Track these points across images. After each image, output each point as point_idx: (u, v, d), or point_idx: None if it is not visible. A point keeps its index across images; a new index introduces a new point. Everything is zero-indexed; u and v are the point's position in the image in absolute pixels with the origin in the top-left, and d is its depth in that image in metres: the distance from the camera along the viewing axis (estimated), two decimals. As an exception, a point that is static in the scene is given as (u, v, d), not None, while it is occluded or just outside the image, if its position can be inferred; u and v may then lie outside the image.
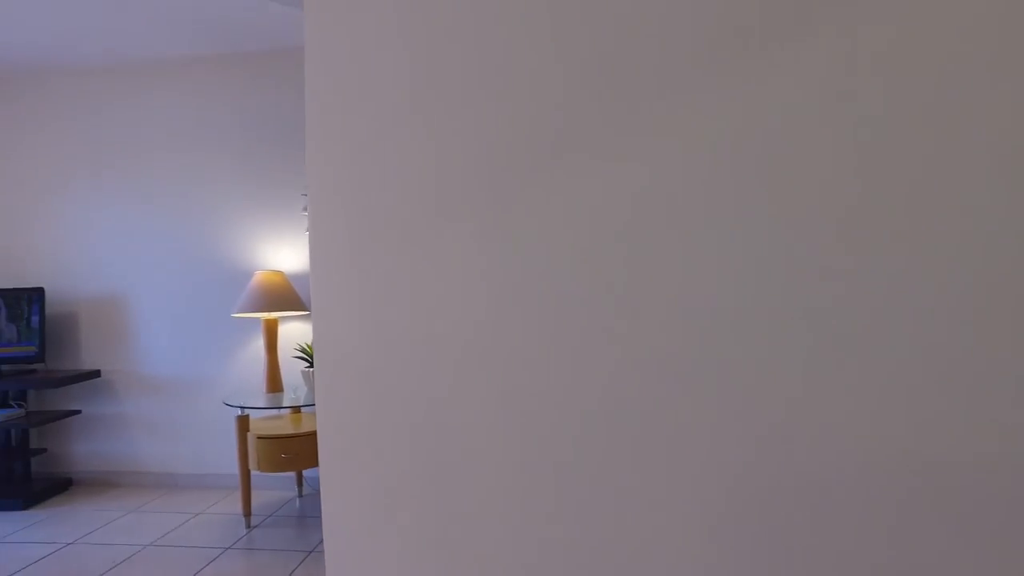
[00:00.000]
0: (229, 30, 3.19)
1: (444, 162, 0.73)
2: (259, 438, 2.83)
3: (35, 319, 3.47)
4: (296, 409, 3.23)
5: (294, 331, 3.51)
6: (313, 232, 0.81)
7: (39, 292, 3.47)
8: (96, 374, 3.58)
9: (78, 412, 3.61)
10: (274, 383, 3.24)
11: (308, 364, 3.26)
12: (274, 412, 3.25)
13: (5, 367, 3.60)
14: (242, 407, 2.89)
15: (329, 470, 0.78)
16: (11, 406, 3.52)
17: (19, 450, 3.55)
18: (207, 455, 3.55)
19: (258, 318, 3.48)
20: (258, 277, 3.19)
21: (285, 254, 3.51)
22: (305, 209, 3.37)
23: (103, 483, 3.66)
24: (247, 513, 2.92)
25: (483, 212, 0.72)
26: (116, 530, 2.97)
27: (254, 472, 3.43)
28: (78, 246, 3.66)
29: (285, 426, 2.95)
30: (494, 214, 0.72)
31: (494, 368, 0.72)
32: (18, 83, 3.69)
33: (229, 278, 3.51)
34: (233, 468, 3.53)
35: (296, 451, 2.84)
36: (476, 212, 0.72)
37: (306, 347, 3.38)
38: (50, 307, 3.68)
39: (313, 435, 2.86)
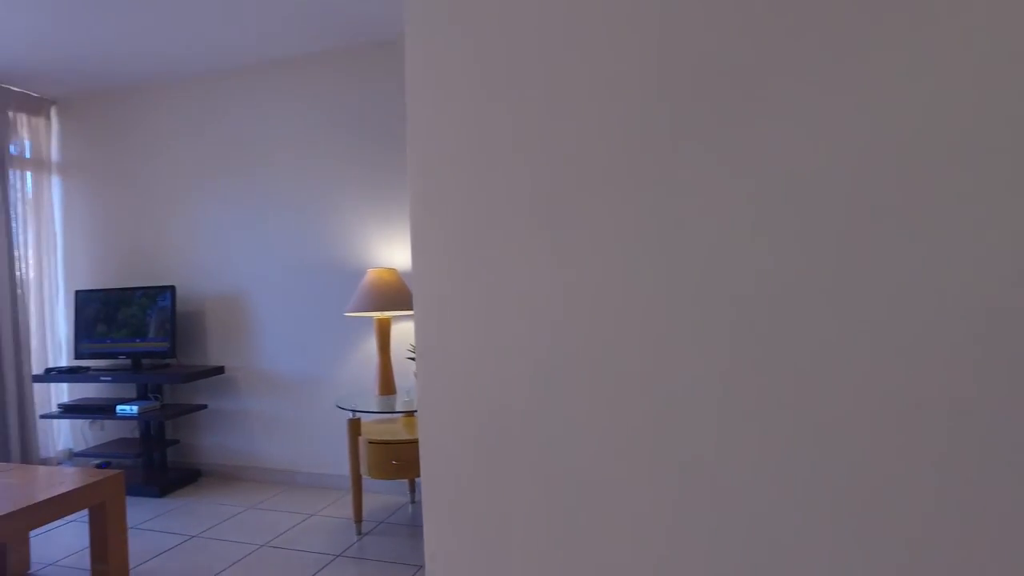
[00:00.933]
0: (341, 23, 3.14)
1: (569, 140, 0.58)
2: (370, 443, 2.74)
3: (167, 316, 3.61)
4: (409, 413, 3.12)
5: (408, 331, 3.43)
6: (415, 228, 0.67)
7: (171, 290, 3.62)
8: (220, 370, 3.68)
9: (204, 407, 3.73)
10: (386, 385, 3.16)
11: (420, 366, 3.14)
12: (386, 416, 3.17)
13: (145, 361, 3.79)
14: (353, 410, 2.82)
15: (432, 497, 0.68)
16: (149, 398, 3.70)
17: (157, 440, 3.73)
18: (323, 454, 3.55)
19: (370, 317, 3.42)
20: (370, 275, 3.12)
21: (398, 250, 3.43)
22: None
23: (228, 476, 3.77)
24: (358, 519, 2.85)
25: (622, 193, 0.56)
26: (235, 526, 3.00)
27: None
28: (206, 246, 3.79)
29: (397, 431, 2.85)
30: (635, 195, 0.55)
31: (630, 384, 0.58)
32: (153, 93, 3.88)
33: (344, 276, 3.48)
34: (348, 469, 3.50)
35: (407, 458, 2.72)
36: (613, 192, 0.56)
37: (419, 348, 3.27)
38: (180, 304, 3.84)
39: (424, 442, 2.73)
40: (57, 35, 3.13)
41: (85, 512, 3.27)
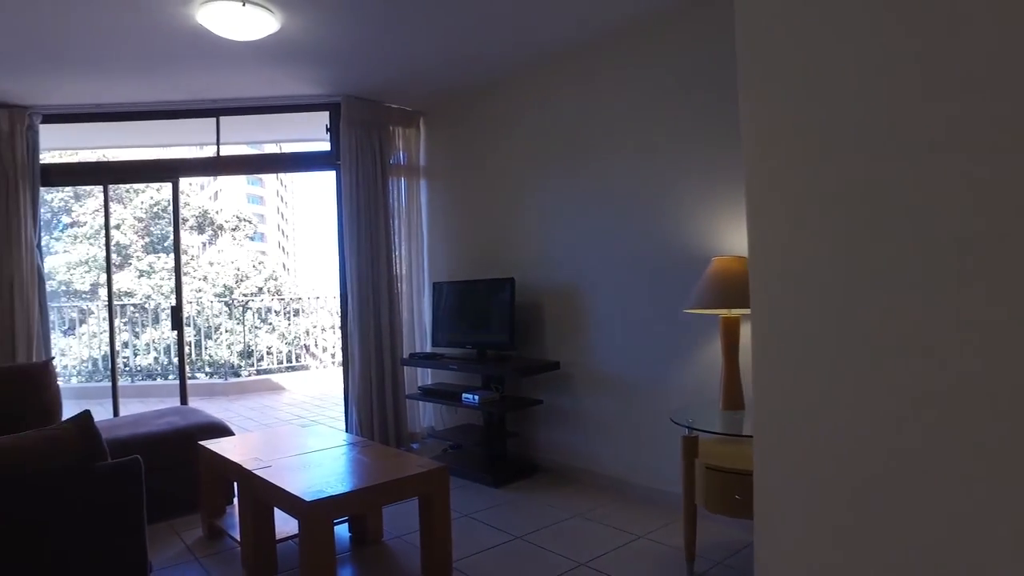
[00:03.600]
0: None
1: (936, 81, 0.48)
2: (708, 469, 2.23)
3: (507, 308, 3.62)
4: (758, 435, 2.50)
5: (758, 335, 2.79)
6: (750, 206, 0.59)
7: (510, 282, 3.61)
8: (556, 365, 3.55)
9: (540, 402, 3.64)
10: (732, 399, 2.59)
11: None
12: (731, 437, 2.59)
13: (489, 352, 3.88)
14: (690, 427, 2.33)
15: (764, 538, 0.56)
16: (490, 389, 3.77)
17: (497, 431, 3.78)
18: (659, 468, 3.13)
19: (715, 315, 2.88)
20: (715, 265, 2.59)
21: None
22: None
23: (562, 475, 3.62)
24: (690, 556, 2.35)
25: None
26: (559, 534, 2.78)
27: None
28: (542, 237, 3.71)
29: (744, 458, 2.27)
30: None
31: None
32: (491, 92, 3.96)
33: (685, 266, 3.01)
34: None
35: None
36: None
37: (773, 356, 2.61)
38: (518, 297, 3.82)
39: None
40: (416, 51, 3.35)
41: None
